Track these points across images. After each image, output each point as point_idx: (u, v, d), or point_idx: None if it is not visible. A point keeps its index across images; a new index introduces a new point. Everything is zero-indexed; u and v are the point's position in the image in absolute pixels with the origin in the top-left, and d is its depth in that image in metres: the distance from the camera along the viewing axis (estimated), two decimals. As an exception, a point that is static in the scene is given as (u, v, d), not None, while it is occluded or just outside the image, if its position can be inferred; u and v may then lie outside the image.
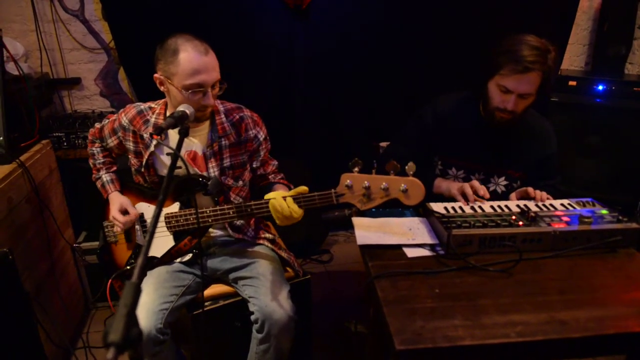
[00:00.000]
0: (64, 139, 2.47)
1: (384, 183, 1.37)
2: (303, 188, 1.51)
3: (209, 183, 1.61)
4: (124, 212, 1.72)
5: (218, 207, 1.61)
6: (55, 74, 2.81)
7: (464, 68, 2.35)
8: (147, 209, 1.77)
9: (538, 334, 1.10)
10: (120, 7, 2.60)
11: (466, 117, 1.86)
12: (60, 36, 2.76)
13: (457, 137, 1.86)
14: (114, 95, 2.96)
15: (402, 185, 1.34)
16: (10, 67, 2.25)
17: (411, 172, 1.33)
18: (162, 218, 1.69)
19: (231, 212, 1.59)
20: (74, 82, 2.86)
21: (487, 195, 1.67)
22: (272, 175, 1.84)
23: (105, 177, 1.82)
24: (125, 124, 1.72)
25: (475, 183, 1.69)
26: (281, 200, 1.49)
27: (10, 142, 2.01)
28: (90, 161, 1.88)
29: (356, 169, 1.39)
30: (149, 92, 1.82)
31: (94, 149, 1.87)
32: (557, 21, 3.03)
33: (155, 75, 1.59)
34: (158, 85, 1.61)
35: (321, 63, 2.90)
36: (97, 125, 1.85)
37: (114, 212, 1.71)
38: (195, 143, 1.70)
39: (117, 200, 1.75)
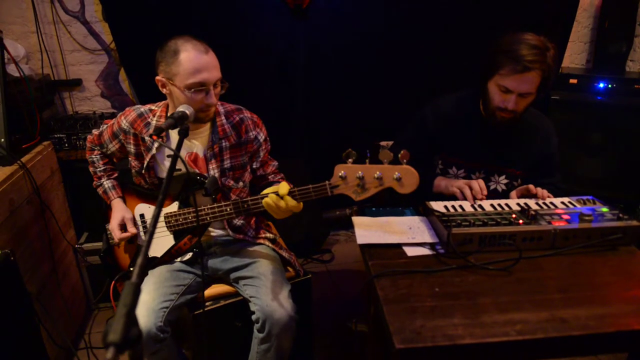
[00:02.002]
0: (65, 140, 2.48)
1: (377, 172, 1.36)
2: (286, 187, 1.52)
3: (206, 181, 1.61)
4: (123, 226, 1.73)
5: (216, 205, 1.61)
6: (56, 76, 2.82)
7: (465, 66, 2.35)
8: (147, 210, 1.77)
9: (538, 332, 1.10)
10: (120, 8, 2.60)
11: (466, 117, 1.85)
12: (61, 38, 2.76)
13: (457, 137, 1.85)
14: (115, 97, 2.96)
15: (396, 173, 1.34)
16: (11, 69, 2.26)
17: (404, 161, 1.33)
18: (161, 218, 1.70)
19: (229, 209, 1.60)
20: (75, 84, 2.87)
21: (485, 193, 1.67)
22: (272, 175, 1.84)
23: (107, 184, 1.83)
24: (125, 127, 1.73)
25: (475, 185, 1.68)
26: (276, 198, 1.49)
27: (12, 143, 2.02)
28: (91, 169, 1.87)
29: (350, 159, 1.38)
30: (150, 93, 1.83)
31: (93, 156, 1.87)
32: (557, 19, 3.02)
33: (157, 77, 1.60)
34: (160, 87, 1.62)
35: (322, 62, 2.90)
36: (95, 132, 1.85)
37: (114, 224, 1.72)
38: (197, 145, 1.71)
39: (119, 211, 1.75)
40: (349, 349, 2.29)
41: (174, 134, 1.68)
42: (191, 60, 1.51)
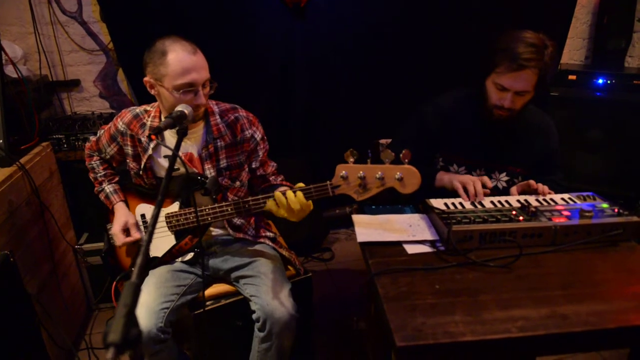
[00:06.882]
0: (64, 140, 2.48)
1: (379, 172, 1.36)
2: (300, 184, 1.51)
3: (207, 182, 1.61)
4: (126, 230, 1.72)
5: (217, 205, 1.61)
6: (54, 76, 2.82)
7: (464, 64, 2.34)
8: (148, 210, 1.77)
9: (539, 328, 1.10)
10: (118, 8, 2.60)
11: (466, 114, 1.85)
12: (59, 38, 2.76)
13: (457, 134, 1.85)
14: (113, 97, 2.96)
15: (398, 173, 1.34)
16: (9, 70, 2.25)
17: (406, 160, 1.33)
18: (162, 218, 1.70)
19: (229, 209, 1.60)
20: (73, 84, 2.87)
21: (490, 187, 1.66)
22: (273, 176, 1.83)
23: (108, 188, 1.81)
24: (122, 129, 1.72)
25: (478, 186, 1.66)
26: (291, 194, 1.48)
27: (10, 144, 2.02)
28: (91, 175, 1.87)
29: (351, 159, 1.38)
30: (148, 93, 1.82)
31: (92, 162, 1.86)
32: (556, 15, 3.02)
33: (145, 78, 1.59)
34: (148, 88, 1.61)
35: (320, 61, 2.89)
36: (93, 138, 1.85)
37: (117, 229, 1.71)
38: (190, 145, 1.70)
39: (121, 216, 1.74)
40: (350, 347, 2.29)
41: (169, 135, 1.68)
42: (180, 61, 1.50)
